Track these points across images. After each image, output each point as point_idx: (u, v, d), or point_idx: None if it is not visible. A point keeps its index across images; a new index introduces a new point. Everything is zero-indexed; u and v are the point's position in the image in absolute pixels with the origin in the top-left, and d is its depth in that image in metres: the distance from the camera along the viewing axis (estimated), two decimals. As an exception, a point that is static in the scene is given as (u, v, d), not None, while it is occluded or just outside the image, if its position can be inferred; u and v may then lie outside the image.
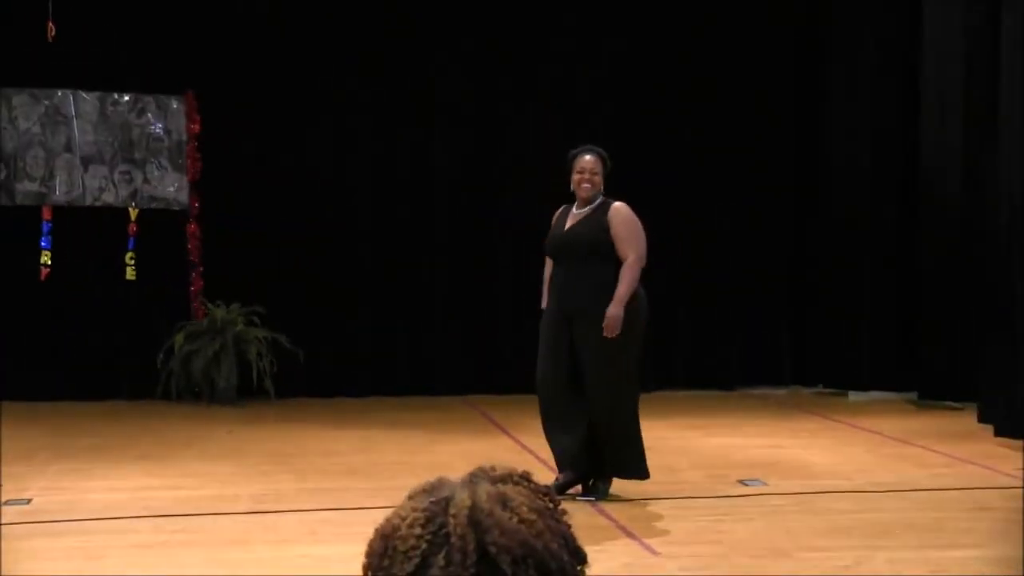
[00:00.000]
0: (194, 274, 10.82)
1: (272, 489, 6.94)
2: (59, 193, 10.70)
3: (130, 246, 10.74)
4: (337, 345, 10.92)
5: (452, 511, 1.59)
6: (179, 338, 10.46)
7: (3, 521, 6.11)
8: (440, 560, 1.55)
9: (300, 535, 5.87)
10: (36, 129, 10.65)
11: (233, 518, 6.23)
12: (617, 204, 6.70)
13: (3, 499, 6.56)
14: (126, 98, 10.80)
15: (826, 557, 5.45)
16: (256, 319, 10.61)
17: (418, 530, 1.58)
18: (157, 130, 10.87)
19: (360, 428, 9.27)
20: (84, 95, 10.71)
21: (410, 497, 1.68)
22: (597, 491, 6.67)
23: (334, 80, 11.01)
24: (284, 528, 6.03)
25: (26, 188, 10.65)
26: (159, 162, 10.86)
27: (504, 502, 1.61)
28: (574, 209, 6.80)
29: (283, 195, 10.87)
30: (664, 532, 5.92)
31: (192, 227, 10.86)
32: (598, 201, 6.73)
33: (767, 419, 9.81)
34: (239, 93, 10.85)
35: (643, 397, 10.47)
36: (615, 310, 6.42)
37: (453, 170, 11.18)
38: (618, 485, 6.72)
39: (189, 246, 10.85)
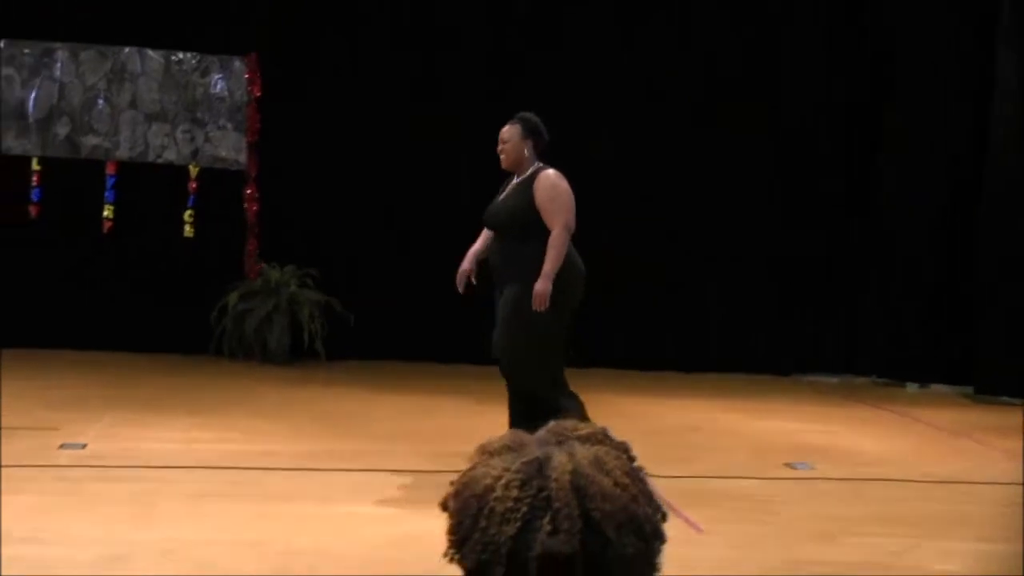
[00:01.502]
0: (250, 234, 10.90)
1: (319, 448, 6.99)
2: (123, 148, 10.81)
3: (190, 204, 10.83)
4: (389, 310, 10.94)
5: (553, 475, 1.57)
6: (233, 297, 10.55)
7: (59, 463, 6.21)
8: (546, 525, 1.53)
9: (345, 493, 5.91)
10: (102, 85, 10.75)
11: (280, 474, 6.28)
12: (544, 173, 6.46)
13: (60, 442, 6.67)
14: (191, 57, 10.88)
15: (873, 544, 5.42)
16: (309, 281, 10.68)
17: (515, 492, 1.56)
18: (220, 90, 10.95)
19: (409, 393, 9.31)
20: (150, 53, 10.80)
21: (490, 455, 1.66)
22: None
23: (396, 45, 11.01)
24: (330, 486, 6.07)
25: (91, 142, 10.77)
26: (220, 122, 10.94)
27: (600, 465, 1.60)
28: (515, 179, 6.63)
29: (340, 160, 10.90)
30: (711, 511, 5.90)
31: (250, 188, 10.93)
32: (531, 170, 6.51)
33: (819, 405, 9.75)
34: (301, 56, 10.90)
35: (697, 379, 10.74)
36: (542, 285, 6.24)
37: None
38: (658, 463, 6.69)
39: (246, 207, 10.92)
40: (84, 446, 6.63)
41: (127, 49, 10.75)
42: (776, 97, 11.42)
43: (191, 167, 10.86)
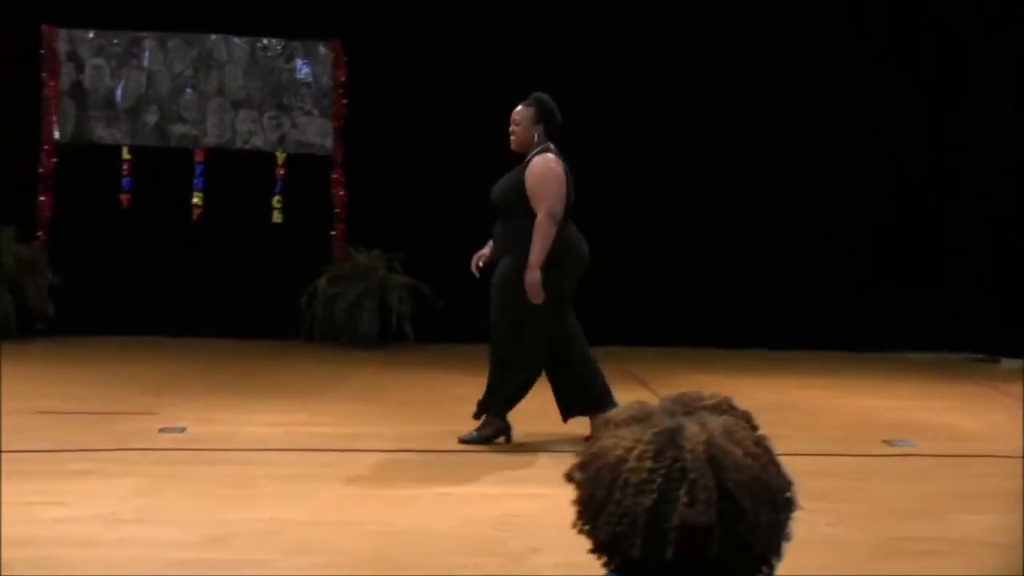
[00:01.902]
0: (338, 219, 10.97)
1: (412, 430, 7.02)
2: (211, 136, 10.93)
3: (277, 189, 10.94)
4: (477, 293, 10.91)
5: (687, 446, 1.56)
6: (322, 281, 10.64)
7: (159, 447, 6.31)
8: (682, 496, 1.52)
9: (441, 474, 5.94)
10: (189, 73, 10.88)
11: (376, 455, 6.32)
12: (539, 156, 6.44)
13: (159, 426, 6.78)
14: (276, 44, 10.97)
15: (974, 521, 5.32)
16: (397, 265, 10.73)
17: (649, 463, 1.55)
18: (305, 76, 11.02)
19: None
20: (236, 40, 10.91)
21: (616, 425, 1.65)
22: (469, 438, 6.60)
23: (480, 28, 11.00)
24: (426, 467, 6.10)
25: (179, 130, 10.91)
26: (306, 107, 11.02)
27: (731, 435, 1.59)
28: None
29: (425, 144, 10.92)
30: (808, 488, 5.81)
31: (337, 173, 11.00)
32: (533, 152, 6.49)
33: (915, 382, 9.60)
34: (385, 40, 10.94)
35: (787, 356, 10.61)
36: (530, 276, 6.28)
37: (601, 120, 11.10)
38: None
39: (333, 191, 11.00)
40: (183, 430, 6.72)
41: (213, 37, 10.88)
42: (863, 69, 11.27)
43: (278, 153, 10.96)
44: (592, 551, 1.62)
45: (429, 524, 4.98)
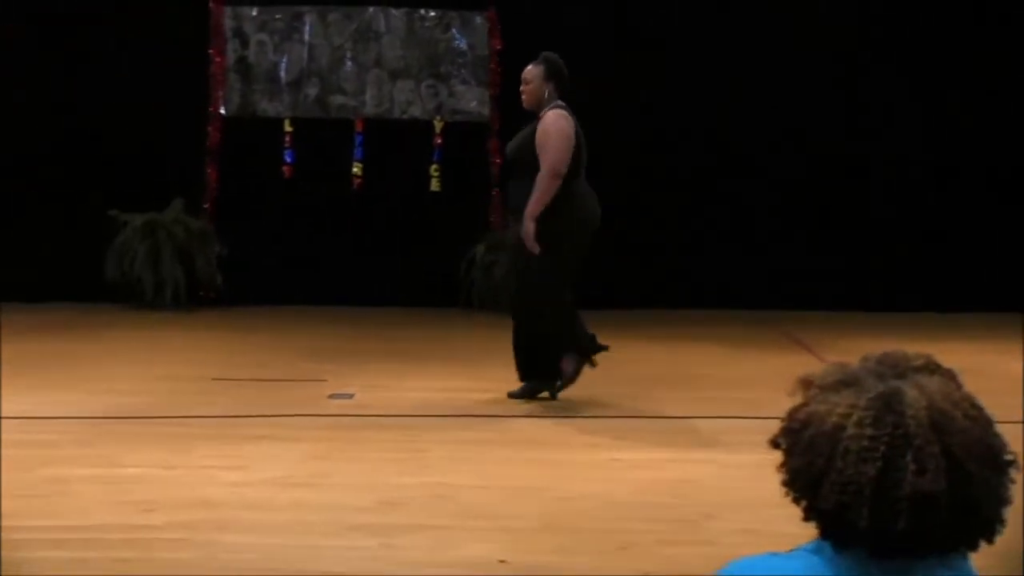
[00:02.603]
0: (495, 187, 11.00)
1: (580, 395, 6.99)
2: (369, 106, 11.06)
3: (435, 158, 11.02)
4: (642, 258, 10.91)
5: (909, 412, 1.51)
6: (480, 248, 10.69)
7: (330, 412, 6.43)
8: (909, 464, 1.48)
9: (610, 440, 5.91)
10: (348, 45, 11.02)
11: (541, 421, 6.33)
12: (550, 113, 6.45)
13: (329, 392, 6.90)
14: (432, 14, 11.03)
15: None
16: (555, 231, 10.71)
17: (870, 430, 1.51)
18: (461, 45, 11.07)
19: (660, 339, 9.27)
20: (393, 11, 11.01)
21: (824, 390, 1.60)
22: (513, 393, 6.59)
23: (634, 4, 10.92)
24: (595, 432, 6.09)
25: (339, 101, 11.07)
26: (463, 76, 11.06)
27: (949, 398, 1.54)
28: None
29: (580, 112, 10.83)
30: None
31: (493, 141, 11.03)
32: (545, 110, 6.50)
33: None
34: (540, 10, 10.89)
35: (958, 319, 10.30)
36: (526, 226, 6.27)
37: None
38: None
39: (490, 159, 11.03)
40: (352, 396, 6.83)
41: (371, 9, 10.99)
42: None
43: (436, 122, 11.03)
44: (806, 519, 1.57)
45: (601, 489, 4.96)
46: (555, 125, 6.41)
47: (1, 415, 5.86)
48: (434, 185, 11.00)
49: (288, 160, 11.06)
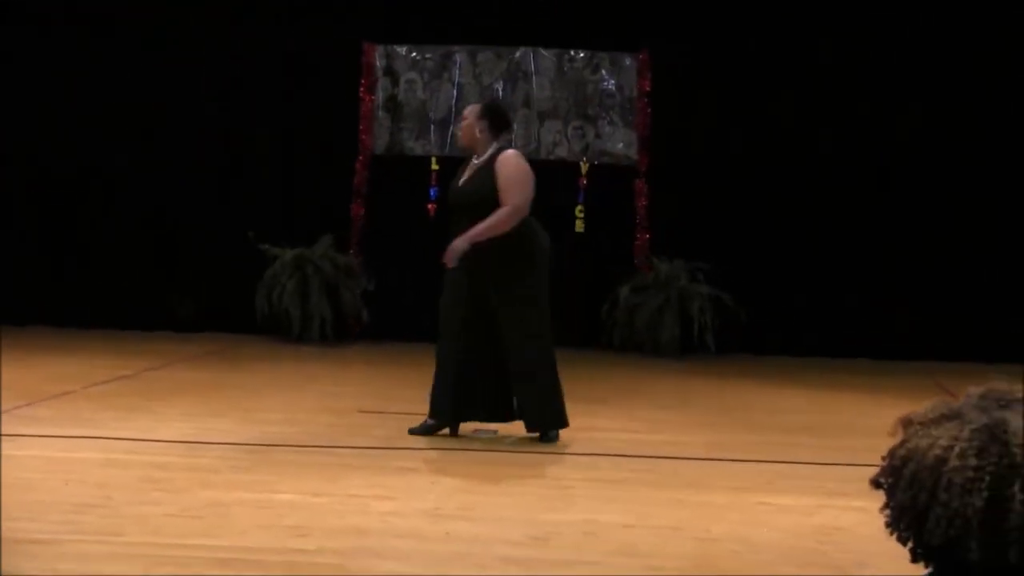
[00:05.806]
0: (640, 229, 11.01)
1: (723, 439, 6.96)
2: (516, 146, 11.14)
3: (580, 199, 11.06)
4: (778, 305, 10.80)
5: (1015, 441, 1.50)
6: (624, 290, 10.70)
7: (474, 448, 6.49)
8: (1017, 494, 1.47)
9: (757, 484, 5.85)
10: (498, 85, 11.16)
11: (689, 463, 6.29)
12: (505, 153, 6.46)
13: (474, 427, 6.96)
14: (582, 55, 11.12)
15: None
16: (700, 275, 10.68)
17: (973, 461, 1.51)
18: (610, 86, 11.13)
19: (804, 387, 9.16)
20: (543, 52, 11.13)
21: (924, 425, 1.59)
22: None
23: (791, 43, 10.83)
24: (740, 476, 6.03)
25: (486, 141, 11.19)
26: (611, 118, 11.12)
27: None
28: (474, 160, 6.60)
29: (730, 154, 10.84)
30: None
31: (640, 183, 11.04)
32: (490, 151, 6.48)
33: None
34: (691, 52, 10.90)
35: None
36: (459, 242, 6.32)
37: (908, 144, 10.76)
38: None
39: (636, 201, 11.04)
40: (495, 432, 6.88)
41: (521, 49, 11.12)
42: None
43: (582, 163, 11.09)
44: (914, 560, 1.56)
45: (748, 532, 4.91)
46: (519, 167, 6.53)
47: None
48: (578, 226, 11.04)
49: (433, 198, 11.21)
